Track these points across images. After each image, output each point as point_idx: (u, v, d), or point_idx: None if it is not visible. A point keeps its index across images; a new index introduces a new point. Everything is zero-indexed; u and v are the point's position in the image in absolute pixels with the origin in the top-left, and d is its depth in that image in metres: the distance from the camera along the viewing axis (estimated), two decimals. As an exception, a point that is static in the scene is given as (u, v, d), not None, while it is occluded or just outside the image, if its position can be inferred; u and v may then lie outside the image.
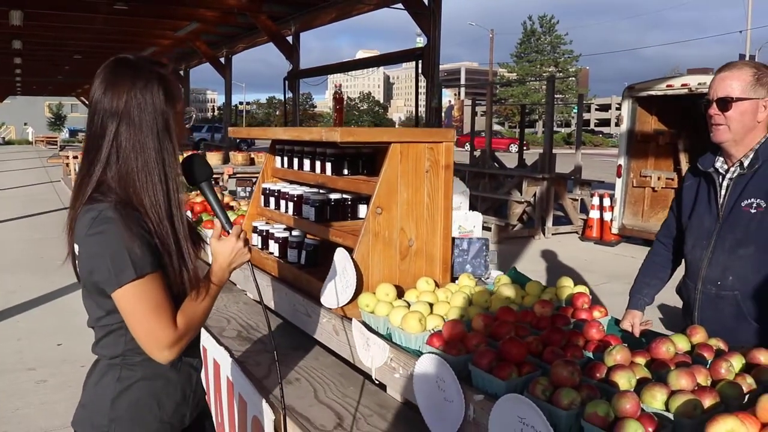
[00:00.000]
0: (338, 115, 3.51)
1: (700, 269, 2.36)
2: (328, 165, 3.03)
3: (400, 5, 11.78)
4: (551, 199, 10.81)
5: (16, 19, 13.26)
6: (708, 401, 1.64)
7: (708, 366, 1.86)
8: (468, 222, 3.39)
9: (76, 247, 1.58)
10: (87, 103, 1.79)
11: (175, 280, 1.59)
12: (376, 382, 2.37)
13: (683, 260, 2.55)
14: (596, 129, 63.66)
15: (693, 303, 2.41)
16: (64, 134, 54.66)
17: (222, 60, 20.78)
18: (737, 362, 1.91)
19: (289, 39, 15.84)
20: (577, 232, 10.98)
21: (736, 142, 2.26)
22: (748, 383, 1.79)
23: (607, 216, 10.42)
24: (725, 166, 2.33)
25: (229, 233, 1.72)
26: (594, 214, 10.60)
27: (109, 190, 1.56)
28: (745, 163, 2.25)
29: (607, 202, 10.44)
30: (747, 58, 36.80)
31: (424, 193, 2.72)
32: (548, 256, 9.15)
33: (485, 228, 10.54)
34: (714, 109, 2.26)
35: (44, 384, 4.56)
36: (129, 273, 1.50)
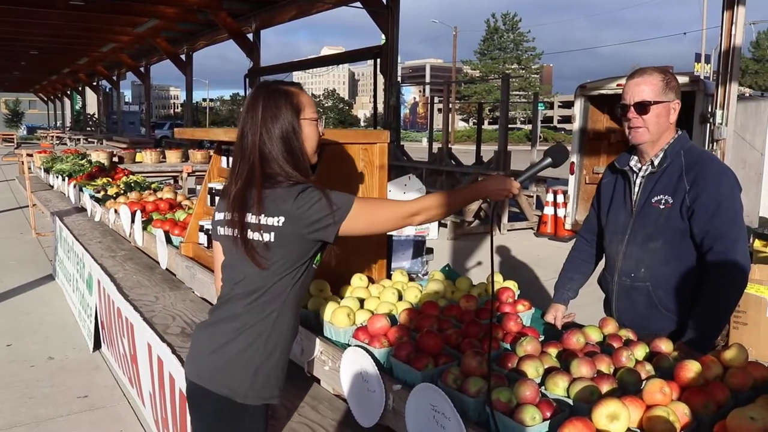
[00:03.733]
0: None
1: (616, 262, 2.49)
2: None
3: (358, 4, 11.86)
4: (507, 195, 10.99)
5: (-33, 13, 13.01)
6: (606, 387, 1.76)
7: (611, 355, 1.98)
8: (423, 219, 3.47)
9: (272, 220, 1.86)
10: (45, 99, 1.90)
11: None
12: (308, 375, 2.46)
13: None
14: (558, 126, 64.41)
15: (611, 294, 2.54)
16: (22, 131, 53.39)
17: (183, 57, 20.62)
18: (641, 351, 2.04)
19: (250, 36, 15.81)
20: (532, 228, 11.16)
21: (653, 143, 2.40)
22: (646, 370, 1.91)
23: (560, 212, 10.62)
24: (639, 165, 2.46)
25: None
26: (548, 211, 10.79)
27: (283, 176, 1.89)
28: (656, 162, 2.39)
29: (561, 198, 10.64)
30: (703, 57, 37.71)
31: (358, 192, 2.80)
32: (502, 251, 9.31)
33: (441, 225, 10.67)
34: (632, 113, 2.39)
35: (-9, 384, 4.53)
36: (350, 198, 1.90)
